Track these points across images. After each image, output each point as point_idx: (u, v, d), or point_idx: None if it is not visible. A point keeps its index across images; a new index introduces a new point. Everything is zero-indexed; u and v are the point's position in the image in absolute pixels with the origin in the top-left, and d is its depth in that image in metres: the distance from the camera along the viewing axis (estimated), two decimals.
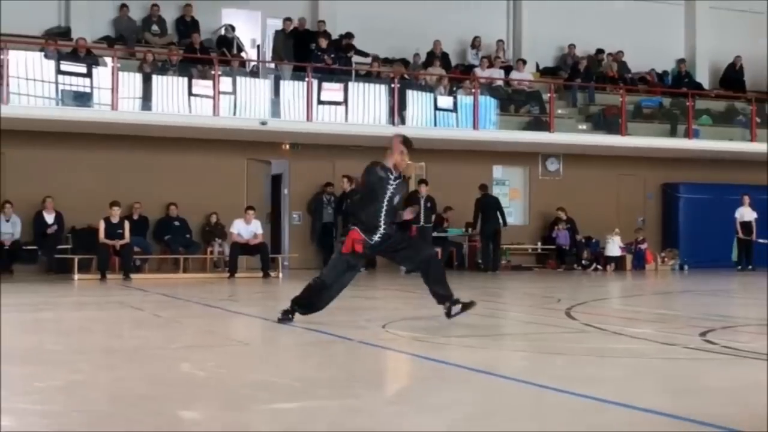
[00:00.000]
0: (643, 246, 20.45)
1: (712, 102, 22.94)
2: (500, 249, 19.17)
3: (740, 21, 24.64)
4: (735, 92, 23.40)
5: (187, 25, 19.61)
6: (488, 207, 18.97)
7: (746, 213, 20.13)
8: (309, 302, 7.74)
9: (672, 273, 19.79)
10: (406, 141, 7.70)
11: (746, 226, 20.03)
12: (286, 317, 7.76)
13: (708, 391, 4.83)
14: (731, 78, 24.00)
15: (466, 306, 7.53)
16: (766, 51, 23.82)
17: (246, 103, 17.57)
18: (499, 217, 18.92)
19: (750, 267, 19.69)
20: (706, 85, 24.13)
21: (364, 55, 20.08)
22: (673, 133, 21.30)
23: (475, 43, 22.09)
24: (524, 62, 21.47)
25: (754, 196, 20.45)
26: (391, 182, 7.54)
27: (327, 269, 7.78)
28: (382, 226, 7.54)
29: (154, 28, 19.49)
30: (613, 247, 19.86)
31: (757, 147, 20.90)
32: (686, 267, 20.70)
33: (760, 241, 19.96)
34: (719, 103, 23.03)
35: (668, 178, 22.27)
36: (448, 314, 7.58)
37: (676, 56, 24.15)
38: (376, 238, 7.54)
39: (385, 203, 7.52)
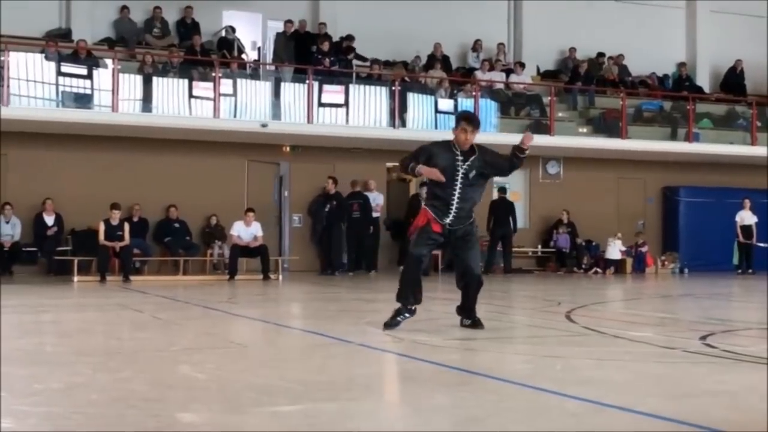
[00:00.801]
0: (644, 249, 20.45)
1: (712, 105, 22.94)
2: (511, 252, 19.20)
3: (741, 24, 24.63)
4: (736, 96, 23.42)
5: (187, 27, 19.62)
6: (502, 210, 19.05)
7: (746, 217, 20.16)
8: (409, 289, 7.35)
9: (672, 276, 19.79)
10: (461, 115, 8.03)
11: (746, 229, 20.05)
12: (396, 319, 7.39)
13: (707, 394, 4.83)
14: (732, 81, 24.01)
15: (476, 325, 7.54)
16: (766, 54, 23.82)
17: (246, 105, 17.60)
18: (511, 221, 19.05)
19: (750, 270, 19.72)
20: (706, 88, 24.12)
21: (363, 59, 20.10)
22: (673, 137, 21.32)
23: (476, 46, 22.11)
24: (522, 66, 21.49)
25: (755, 199, 20.49)
26: (459, 159, 7.46)
27: (411, 246, 7.47)
28: (455, 208, 7.29)
29: (155, 30, 19.50)
30: (614, 250, 19.86)
31: (757, 151, 20.94)
32: (686, 270, 20.71)
33: (760, 245, 19.98)
34: (720, 106, 23.05)
35: (669, 182, 22.28)
36: (461, 323, 7.66)
37: (676, 60, 24.15)
38: (448, 220, 7.34)
39: (459, 182, 7.35)
